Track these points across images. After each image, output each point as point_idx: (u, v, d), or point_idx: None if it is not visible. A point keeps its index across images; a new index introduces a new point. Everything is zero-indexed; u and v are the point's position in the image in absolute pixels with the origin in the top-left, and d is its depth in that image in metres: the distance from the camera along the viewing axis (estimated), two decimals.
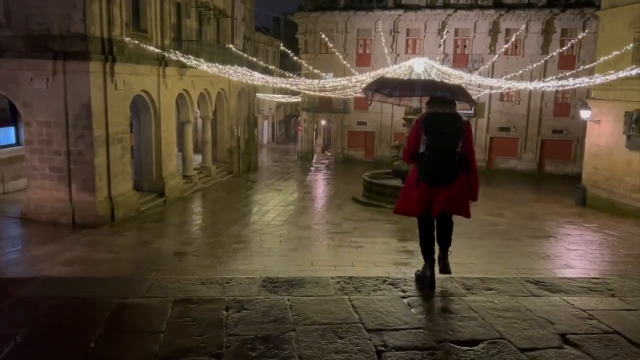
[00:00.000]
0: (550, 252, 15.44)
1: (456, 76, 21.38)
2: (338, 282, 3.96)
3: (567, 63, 32.29)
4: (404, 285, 3.93)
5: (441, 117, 4.43)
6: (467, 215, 4.55)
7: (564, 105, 34.67)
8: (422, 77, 22.66)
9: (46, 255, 13.61)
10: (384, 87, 4.84)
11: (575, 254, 15.31)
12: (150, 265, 12.96)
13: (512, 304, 3.50)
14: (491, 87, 27.39)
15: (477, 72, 25.06)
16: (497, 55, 24.55)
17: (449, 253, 4.52)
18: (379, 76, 5.68)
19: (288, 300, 3.49)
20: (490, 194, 26.59)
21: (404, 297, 3.66)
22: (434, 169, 4.39)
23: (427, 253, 4.46)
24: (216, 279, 3.85)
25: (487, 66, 28.72)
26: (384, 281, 4.00)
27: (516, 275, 4.35)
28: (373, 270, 12.80)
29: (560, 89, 22.46)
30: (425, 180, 4.40)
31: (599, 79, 19.31)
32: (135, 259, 13.52)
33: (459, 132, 4.39)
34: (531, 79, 28.32)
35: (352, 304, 3.45)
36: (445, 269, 4.45)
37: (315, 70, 20.68)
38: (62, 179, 16.57)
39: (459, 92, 4.66)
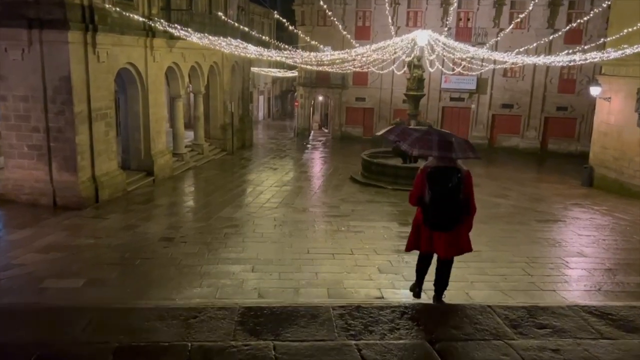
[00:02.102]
0: (560, 238, 14.57)
1: (461, 50, 20.21)
2: (342, 315, 2.99)
3: (574, 37, 31.03)
4: (428, 320, 2.98)
5: (443, 172, 5.01)
6: (469, 249, 5.47)
7: (569, 81, 33.55)
8: (426, 52, 21.50)
9: (22, 241, 12.64)
10: (403, 140, 5.38)
11: (587, 240, 14.44)
12: (134, 252, 12.02)
13: (581, 354, 2.57)
14: (495, 62, 26.27)
15: (485, 46, 23.86)
16: (507, 30, 23.20)
17: (443, 296, 5.32)
18: (394, 124, 5.99)
19: (274, 349, 2.54)
20: (492, 173, 25.68)
21: (432, 342, 2.72)
22: (436, 218, 5.04)
23: (419, 280, 5.69)
24: (179, 311, 2.89)
25: (492, 43, 27.40)
26: (403, 314, 3.04)
27: (570, 304, 3.37)
28: (374, 258, 11.92)
29: (569, 64, 21.29)
30: (428, 225, 5.13)
31: (612, 53, 18.19)
32: (118, 245, 12.57)
33: (459, 184, 4.99)
34: (536, 54, 27.16)
35: (362, 356, 2.50)
36: (439, 300, 5.23)
37: (313, 42, 19.46)
38: (42, 158, 15.50)
39: (469, 149, 5.30)
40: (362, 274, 10.96)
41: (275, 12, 17.29)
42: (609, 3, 21.37)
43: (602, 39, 22.52)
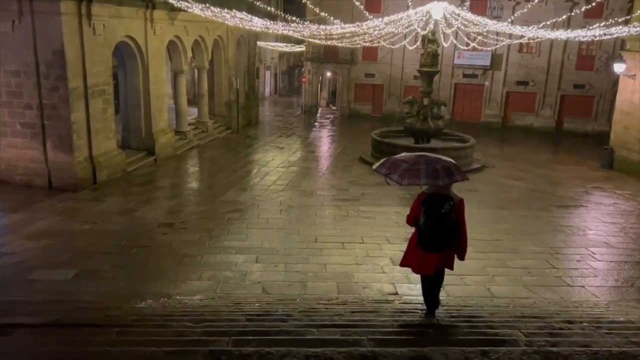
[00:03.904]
0: (584, 226, 13.71)
1: (480, 24, 19.07)
2: None
3: (594, 11, 29.52)
4: None
5: (436, 199, 5.61)
6: (451, 267, 5.96)
7: (588, 58, 32.17)
8: (440, 25, 20.38)
9: (13, 226, 11.95)
10: (393, 172, 5.67)
11: (613, 228, 13.57)
12: (130, 239, 11.30)
13: None
14: (510, 36, 25.06)
15: (508, 20, 22.64)
16: (527, 3, 21.81)
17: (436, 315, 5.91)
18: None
19: None
20: (507, 154, 24.73)
21: None
22: (430, 240, 5.66)
23: (428, 304, 6.04)
24: None
25: (511, 18, 26.08)
26: None
27: None
28: (386, 248, 11.17)
29: (593, 38, 20.05)
30: (422, 246, 5.72)
31: None
32: (115, 231, 11.84)
33: (451, 210, 5.59)
34: (554, 28, 25.87)
35: None
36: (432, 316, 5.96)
37: (323, 13, 18.39)
38: (36, 136, 14.72)
39: (456, 173, 5.68)
40: (374, 266, 10.22)
41: None
42: None
43: (625, 15, 21.30)
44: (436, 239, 5.60)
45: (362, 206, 14.43)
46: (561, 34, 19.81)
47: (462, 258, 5.94)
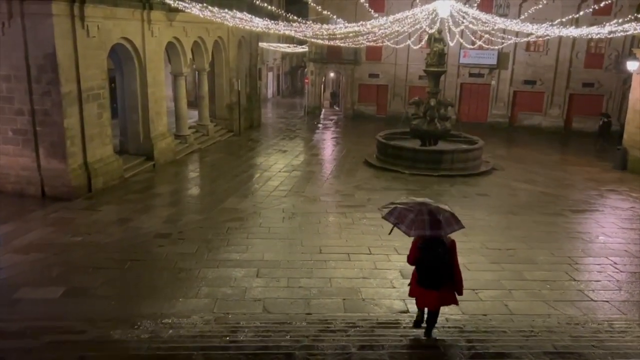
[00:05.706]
0: (601, 232, 13.06)
1: (487, 22, 18.39)
2: None
3: (603, 9, 28.74)
4: None
5: (430, 244, 6.24)
6: (456, 303, 6.69)
7: (597, 56, 31.43)
8: (446, 24, 19.71)
9: (2, 238, 11.33)
10: (401, 222, 6.24)
11: (632, 235, 12.90)
12: (124, 253, 10.73)
13: None
14: (517, 34, 24.37)
15: (520, 18, 21.94)
16: (541, 3, 21.02)
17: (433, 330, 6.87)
18: None
19: None
20: (516, 155, 24.07)
21: None
22: (427, 280, 6.42)
23: (418, 320, 7.13)
24: None
25: (522, 15, 25.41)
26: None
27: None
28: (395, 259, 10.55)
29: (607, 36, 19.35)
30: (420, 285, 6.53)
31: None
32: (108, 243, 11.25)
33: (445, 253, 6.27)
34: (561, 26, 25.15)
35: None
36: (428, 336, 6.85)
37: (325, 12, 17.79)
38: (28, 143, 14.13)
39: (454, 222, 6.32)
40: (383, 280, 9.62)
41: None
42: None
43: (634, 12, 20.60)
44: (433, 279, 6.33)
45: (368, 213, 13.79)
46: (572, 32, 19.11)
47: (460, 293, 6.58)
